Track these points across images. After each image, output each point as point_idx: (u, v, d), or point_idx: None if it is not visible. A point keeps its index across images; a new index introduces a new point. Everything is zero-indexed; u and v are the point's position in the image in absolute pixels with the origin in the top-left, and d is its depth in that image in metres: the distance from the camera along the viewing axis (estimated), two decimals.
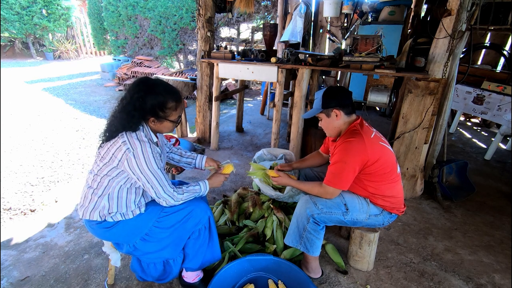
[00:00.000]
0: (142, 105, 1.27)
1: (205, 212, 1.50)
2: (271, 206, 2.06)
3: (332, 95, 1.58)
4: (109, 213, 1.35)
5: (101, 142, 1.34)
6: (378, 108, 5.52)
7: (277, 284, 1.60)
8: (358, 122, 1.58)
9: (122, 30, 8.36)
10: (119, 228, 1.37)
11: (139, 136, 1.29)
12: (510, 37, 4.74)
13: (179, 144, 2.22)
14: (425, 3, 3.90)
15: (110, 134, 1.29)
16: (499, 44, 4.55)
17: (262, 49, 3.31)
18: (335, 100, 1.57)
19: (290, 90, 4.06)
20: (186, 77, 4.86)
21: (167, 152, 1.71)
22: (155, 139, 1.41)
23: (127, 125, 1.27)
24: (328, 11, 4.28)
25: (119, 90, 6.65)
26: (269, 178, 2.09)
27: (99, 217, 1.34)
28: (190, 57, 8.01)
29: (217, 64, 3.17)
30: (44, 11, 10.14)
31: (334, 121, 1.60)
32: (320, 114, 1.63)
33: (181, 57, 8.32)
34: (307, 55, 2.87)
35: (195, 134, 3.87)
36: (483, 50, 4.87)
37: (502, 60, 4.68)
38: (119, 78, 6.95)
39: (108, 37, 9.44)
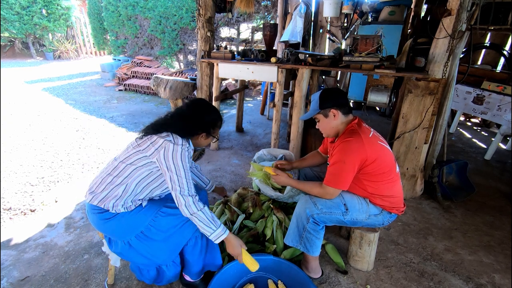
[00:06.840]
0: (202, 123, 1.47)
1: None
2: (271, 206, 2.06)
3: (329, 96, 1.59)
4: (114, 206, 1.36)
5: (142, 134, 1.41)
6: (378, 108, 5.52)
7: (277, 284, 1.61)
8: (356, 122, 1.59)
9: (122, 30, 8.36)
10: (116, 221, 1.37)
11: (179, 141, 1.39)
12: (510, 37, 4.74)
13: None
14: (425, 3, 3.91)
15: (156, 128, 1.39)
16: (499, 44, 4.54)
17: (262, 49, 3.31)
18: (332, 101, 1.58)
19: (290, 90, 4.06)
20: (186, 77, 4.87)
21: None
22: (191, 148, 1.48)
23: (178, 130, 1.40)
24: (328, 11, 4.28)
25: (119, 90, 6.65)
26: (269, 178, 2.09)
27: (104, 205, 1.36)
28: (190, 57, 8.00)
29: (217, 64, 3.17)
30: (44, 11, 10.14)
31: (331, 121, 1.61)
32: (318, 115, 1.64)
33: (181, 57, 8.30)
34: (307, 55, 2.87)
35: None
36: (483, 50, 4.86)
37: (502, 60, 4.67)
38: (119, 78, 6.95)
39: (108, 37, 9.42)
